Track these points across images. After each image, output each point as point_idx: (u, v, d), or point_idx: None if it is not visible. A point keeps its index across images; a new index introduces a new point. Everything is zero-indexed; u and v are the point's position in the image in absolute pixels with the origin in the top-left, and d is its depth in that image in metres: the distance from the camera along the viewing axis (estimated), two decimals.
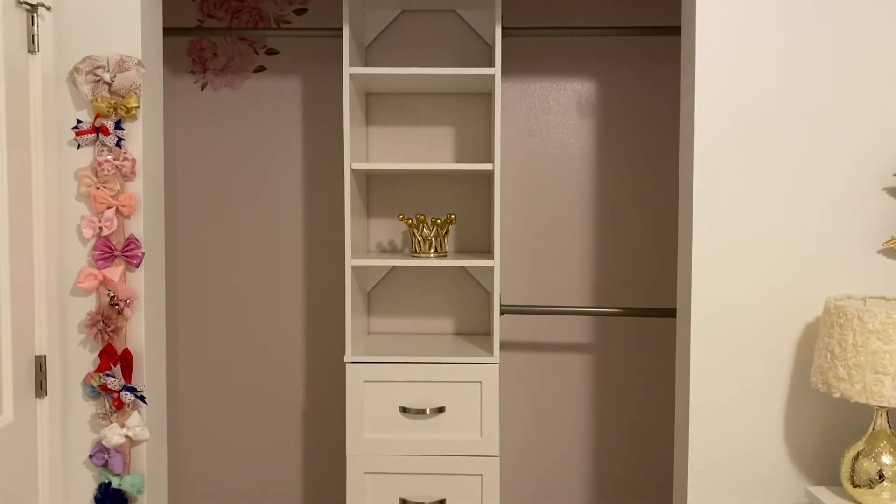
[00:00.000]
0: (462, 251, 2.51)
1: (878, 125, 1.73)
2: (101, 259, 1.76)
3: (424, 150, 2.50)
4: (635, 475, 2.53)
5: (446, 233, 2.29)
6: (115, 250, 1.76)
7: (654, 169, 2.46)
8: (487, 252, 2.45)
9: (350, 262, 2.16)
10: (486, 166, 2.15)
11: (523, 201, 2.50)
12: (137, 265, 1.78)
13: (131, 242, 1.77)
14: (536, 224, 2.50)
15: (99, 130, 1.74)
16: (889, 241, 1.73)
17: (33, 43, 1.67)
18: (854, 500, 1.63)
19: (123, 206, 1.76)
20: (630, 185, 2.47)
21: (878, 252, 1.75)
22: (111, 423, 1.76)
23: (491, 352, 2.20)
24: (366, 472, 2.17)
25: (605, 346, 2.51)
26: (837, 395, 1.56)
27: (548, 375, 2.52)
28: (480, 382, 2.16)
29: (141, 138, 1.77)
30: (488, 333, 2.49)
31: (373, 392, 2.17)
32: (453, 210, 2.50)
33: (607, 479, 2.53)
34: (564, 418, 2.53)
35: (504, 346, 2.53)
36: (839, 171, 1.74)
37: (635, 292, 2.49)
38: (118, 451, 1.77)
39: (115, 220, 1.76)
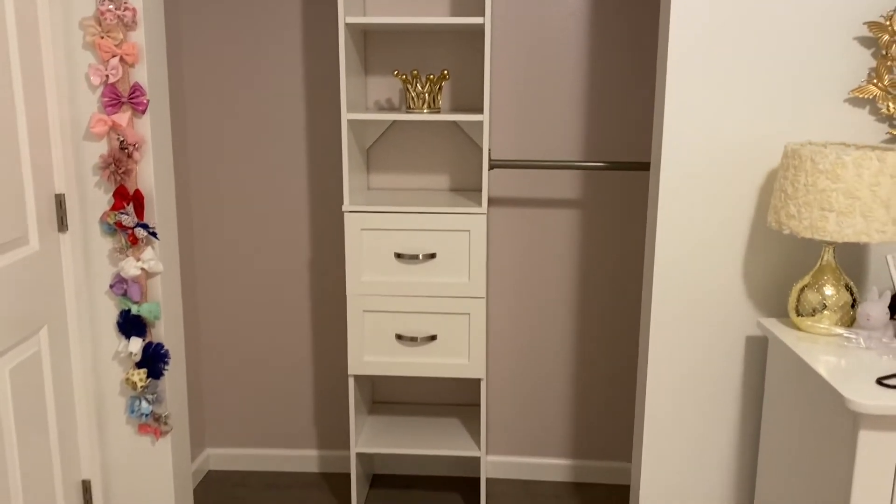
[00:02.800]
0: (458, 109, 2.60)
1: None
2: (109, 105, 1.88)
3: (421, 6, 2.54)
4: (614, 313, 2.71)
5: (440, 89, 2.38)
6: (121, 97, 1.89)
7: (648, 25, 2.49)
8: (481, 110, 2.53)
9: (345, 116, 2.27)
10: (477, 20, 2.21)
11: (517, 58, 2.55)
12: (143, 111, 1.91)
13: (136, 90, 1.89)
14: (529, 81, 2.57)
15: None
16: (855, 89, 1.80)
17: None
18: (797, 328, 1.79)
19: (127, 54, 1.86)
20: (624, 40, 2.51)
21: (845, 101, 1.82)
22: (127, 256, 1.95)
23: (480, 204, 2.34)
24: (364, 311, 2.38)
25: (593, 202, 2.63)
26: (787, 231, 1.68)
27: (536, 228, 2.67)
28: (469, 231, 2.31)
29: None
30: (481, 189, 2.61)
31: (370, 239, 2.34)
32: (450, 68, 2.57)
33: (588, 319, 2.72)
34: (550, 267, 2.69)
35: (495, 201, 2.67)
36: (809, 20, 1.79)
37: (626, 149, 2.58)
38: (135, 282, 1.96)
39: (120, 69, 1.87)
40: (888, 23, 1.74)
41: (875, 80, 1.78)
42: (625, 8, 2.49)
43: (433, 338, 2.37)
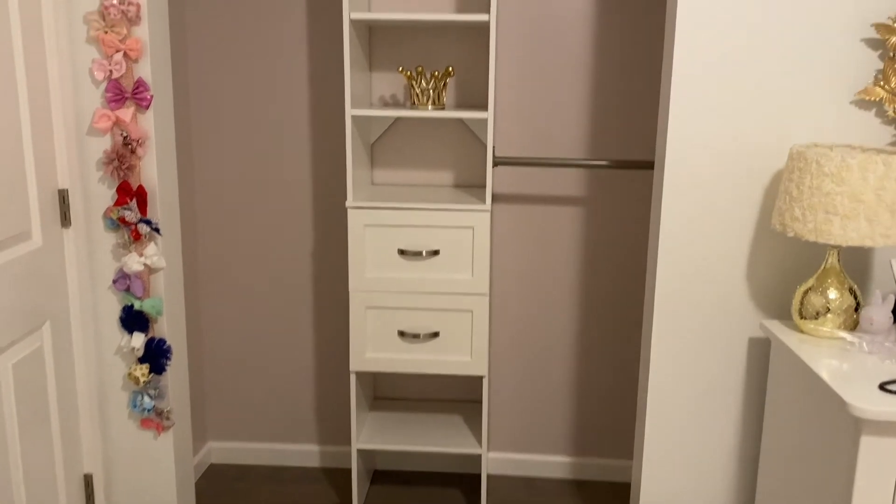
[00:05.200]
0: (462, 106, 2.59)
1: None
2: (113, 101, 1.88)
3: (426, 1, 2.53)
4: (617, 310, 2.71)
5: (444, 85, 2.37)
6: (125, 92, 1.88)
7: (655, 23, 2.48)
8: (485, 106, 2.52)
9: (349, 112, 2.26)
10: (482, 17, 2.20)
11: (521, 54, 2.54)
12: (147, 107, 1.90)
13: (140, 85, 1.89)
14: (534, 77, 2.56)
15: None
16: (861, 91, 1.79)
17: None
18: (800, 330, 1.78)
19: (131, 49, 1.86)
20: (629, 38, 2.50)
21: (851, 102, 1.81)
22: (130, 252, 1.95)
23: (484, 200, 2.33)
24: (367, 307, 2.37)
25: (597, 199, 2.62)
26: (791, 234, 1.67)
27: (540, 225, 2.66)
28: (472, 228, 2.31)
29: None
30: (484, 186, 2.61)
31: (373, 235, 2.33)
32: (455, 64, 2.56)
33: (592, 317, 2.72)
34: (555, 264, 2.69)
35: (499, 197, 2.66)
36: (817, 20, 1.77)
37: (631, 147, 2.57)
38: (138, 278, 1.97)
39: (124, 64, 1.87)
40: None
41: (882, 83, 1.77)
42: (630, 5, 2.48)
43: (436, 335, 2.37)
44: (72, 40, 1.86)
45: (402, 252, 2.33)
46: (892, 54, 1.74)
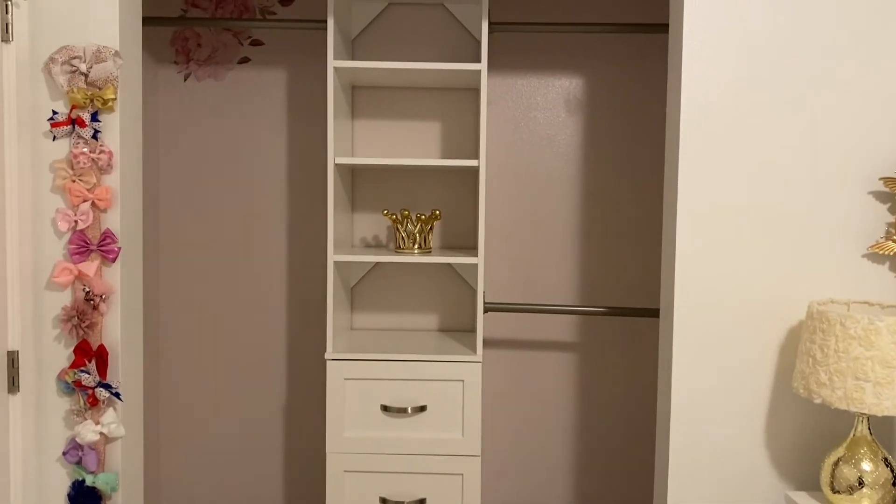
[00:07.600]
0: (447, 247, 2.49)
1: (865, 129, 1.72)
2: (76, 253, 1.73)
3: (410, 145, 2.47)
4: (620, 477, 2.52)
5: (430, 228, 2.27)
6: (90, 244, 1.73)
7: (641, 167, 2.44)
8: (473, 248, 2.42)
9: (332, 257, 2.14)
10: (472, 162, 2.13)
11: (509, 197, 2.47)
12: (113, 260, 1.75)
13: (107, 237, 1.74)
14: (522, 221, 2.48)
15: (75, 122, 1.71)
16: (874, 245, 1.71)
17: (7, 32, 1.64)
18: None
19: (100, 199, 1.73)
20: (617, 182, 2.45)
21: (863, 256, 1.74)
22: (85, 419, 1.74)
23: (474, 350, 2.18)
24: (345, 471, 2.16)
25: (590, 345, 2.50)
26: (819, 400, 1.54)
27: (532, 373, 2.51)
28: (463, 381, 2.15)
29: (118, 131, 1.74)
30: (473, 330, 2.47)
31: (353, 390, 2.15)
32: (439, 205, 2.48)
33: (592, 481, 2.52)
34: (549, 417, 2.51)
35: (489, 343, 2.51)
36: (825, 175, 1.72)
37: (621, 291, 2.47)
38: (92, 449, 1.74)
39: (91, 214, 1.72)
40: None
41: (895, 237, 1.70)
42: (622, 150, 2.44)
43: (422, 502, 2.15)
44: (35, 189, 1.72)
45: (385, 408, 2.14)
46: None
